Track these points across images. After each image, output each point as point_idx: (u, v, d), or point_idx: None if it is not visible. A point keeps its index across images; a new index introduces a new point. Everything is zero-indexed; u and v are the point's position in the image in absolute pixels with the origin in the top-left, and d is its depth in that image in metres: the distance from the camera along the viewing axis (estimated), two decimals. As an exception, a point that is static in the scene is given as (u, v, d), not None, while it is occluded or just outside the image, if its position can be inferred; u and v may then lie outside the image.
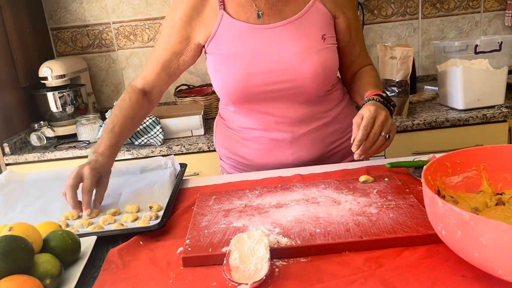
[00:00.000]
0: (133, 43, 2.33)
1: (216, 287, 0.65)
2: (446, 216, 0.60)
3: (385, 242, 0.71)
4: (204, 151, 1.82)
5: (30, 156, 1.86)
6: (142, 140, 1.82)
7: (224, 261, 0.68)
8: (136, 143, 1.83)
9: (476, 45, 1.70)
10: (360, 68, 1.19)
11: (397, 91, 1.81)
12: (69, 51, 2.35)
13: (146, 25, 2.31)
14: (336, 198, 0.87)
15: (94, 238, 0.80)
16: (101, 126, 1.85)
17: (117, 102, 1.13)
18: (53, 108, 2.02)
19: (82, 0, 2.27)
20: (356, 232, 0.73)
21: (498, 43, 1.70)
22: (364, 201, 0.84)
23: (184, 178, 1.11)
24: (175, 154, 1.79)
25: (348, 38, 1.13)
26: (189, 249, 0.73)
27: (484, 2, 2.31)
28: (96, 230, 0.86)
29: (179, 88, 2.26)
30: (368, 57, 1.21)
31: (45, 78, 2.01)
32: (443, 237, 0.63)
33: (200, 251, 0.72)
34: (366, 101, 1.00)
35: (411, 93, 1.98)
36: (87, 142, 1.93)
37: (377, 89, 1.05)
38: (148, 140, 1.82)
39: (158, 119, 1.86)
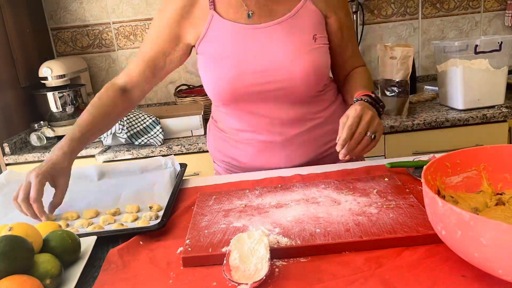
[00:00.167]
0: (133, 43, 2.33)
1: (216, 287, 0.65)
2: (446, 216, 0.60)
3: (385, 242, 0.71)
4: (204, 151, 1.82)
5: (30, 156, 1.86)
6: (142, 140, 1.82)
7: (224, 261, 0.68)
8: (136, 143, 1.83)
9: (476, 45, 1.70)
10: (353, 69, 1.18)
11: (397, 91, 1.81)
12: (69, 51, 2.35)
13: (146, 25, 2.31)
14: (336, 198, 0.87)
15: (94, 238, 0.80)
16: (101, 126, 1.85)
17: (93, 98, 1.11)
18: (53, 108, 2.02)
19: (82, 0, 2.27)
20: (356, 232, 0.73)
21: (498, 43, 1.70)
22: (364, 201, 0.84)
23: (184, 178, 1.11)
24: (175, 154, 1.79)
25: (340, 38, 1.12)
26: (189, 249, 0.73)
27: (484, 2, 2.31)
28: (96, 230, 0.86)
29: (179, 88, 2.26)
30: (361, 58, 1.21)
31: (45, 78, 2.01)
32: (443, 237, 0.63)
33: (200, 251, 0.72)
34: (355, 101, 1.00)
35: (411, 93, 1.98)
36: (87, 142, 1.93)
37: (367, 90, 1.04)
38: (148, 140, 1.82)
39: (158, 119, 1.86)
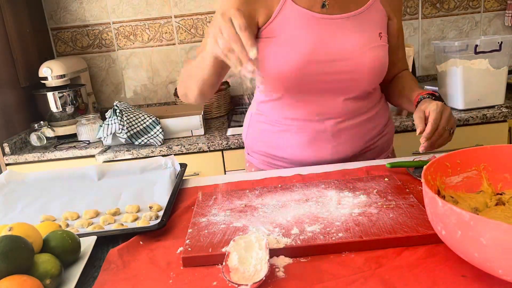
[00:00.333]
0: (133, 43, 2.33)
1: (216, 287, 0.65)
2: (446, 216, 0.60)
3: (385, 242, 0.71)
4: (204, 151, 1.82)
5: (30, 156, 1.86)
6: (142, 140, 1.82)
7: (223, 262, 0.68)
8: (136, 143, 1.83)
9: (476, 45, 1.70)
10: (399, 72, 1.22)
11: (397, 91, 1.81)
12: (69, 51, 2.35)
13: (146, 25, 2.31)
14: (336, 198, 0.87)
15: (94, 238, 0.80)
16: (101, 126, 1.85)
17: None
18: (53, 108, 2.02)
19: (82, 0, 2.27)
20: (356, 232, 0.73)
21: (498, 43, 1.70)
22: (364, 201, 0.84)
23: (184, 178, 1.11)
24: (175, 154, 1.79)
25: (395, 40, 1.16)
26: (189, 249, 0.73)
27: (484, 2, 2.31)
28: (96, 230, 0.86)
29: (179, 88, 2.26)
30: (406, 62, 1.24)
31: (45, 78, 2.01)
32: (443, 237, 0.63)
33: (200, 251, 0.72)
34: (421, 98, 1.04)
35: (411, 93, 1.98)
36: (87, 142, 1.93)
37: (422, 90, 1.08)
38: (148, 140, 1.82)
39: (158, 119, 1.86)
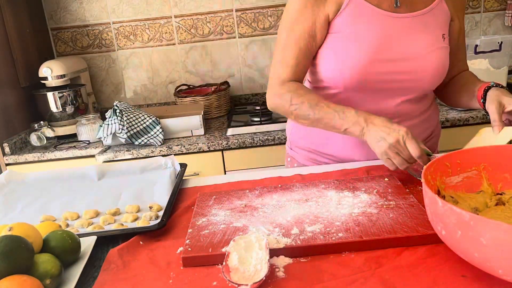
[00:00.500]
0: (133, 43, 2.33)
1: (216, 287, 0.65)
2: (446, 216, 0.60)
3: (385, 242, 0.71)
4: (204, 151, 1.82)
5: (30, 156, 1.86)
6: (142, 140, 1.82)
7: (223, 262, 0.68)
8: (136, 143, 1.83)
9: (476, 45, 1.70)
10: (459, 73, 1.20)
11: (397, 91, 1.81)
12: (69, 51, 2.35)
13: (146, 25, 2.31)
14: (336, 198, 0.87)
15: (94, 238, 0.80)
16: (101, 126, 1.85)
17: (295, 96, 1.04)
18: (53, 108, 2.02)
19: (82, 0, 2.27)
20: (356, 232, 0.73)
21: (498, 43, 1.70)
22: (364, 201, 0.84)
23: (184, 178, 1.11)
24: (175, 154, 1.79)
25: (456, 42, 1.14)
26: (189, 249, 0.73)
27: (484, 2, 2.31)
28: (96, 230, 0.86)
29: (179, 88, 2.26)
30: (466, 63, 1.22)
31: (45, 78, 2.01)
32: (443, 237, 0.63)
33: (200, 251, 0.72)
34: (487, 88, 1.02)
35: (411, 93, 1.98)
36: (87, 142, 1.93)
37: (487, 82, 1.06)
38: (148, 140, 1.82)
39: (158, 119, 1.86)
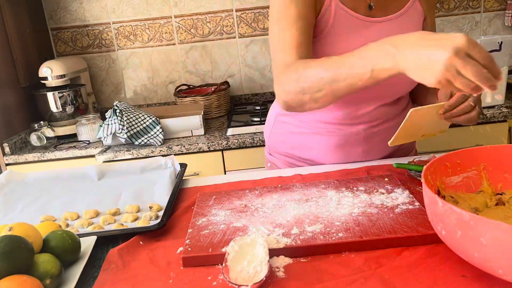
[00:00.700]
0: (133, 43, 2.33)
1: (216, 287, 0.65)
2: (446, 216, 0.60)
3: (385, 242, 0.71)
4: (204, 151, 1.82)
5: (30, 156, 1.86)
6: (142, 140, 1.82)
7: (223, 263, 0.68)
8: (136, 143, 1.83)
9: (476, 45, 1.70)
10: None
11: (397, 91, 1.81)
12: (69, 51, 2.35)
13: (146, 25, 2.31)
14: (336, 198, 0.87)
15: (94, 238, 0.80)
16: (101, 126, 1.85)
17: (302, 66, 0.88)
18: (53, 108, 2.02)
19: (82, 0, 2.27)
20: (356, 232, 0.73)
21: (498, 43, 1.70)
22: (364, 201, 0.84)
23: (184, 178, 1.11)
24: (175, 154, 1.79)
25: None
26: (189, 249, 0.73)
27: (484, 2, 2.31)
28: (96, 230, 0.86)
29: (179, 88, 2.26)
30: None
31: (45, 78, 2.01)
32: (443, 237, 0.63)
33: (200, 251, 0.72)
34: None
35: (411, 93, 1.98)
36: (87, 142, 1.93)
37: None
38: (148, 140, 1.82)
39: (158, 119, 1.86)
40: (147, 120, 1.84)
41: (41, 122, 1.95)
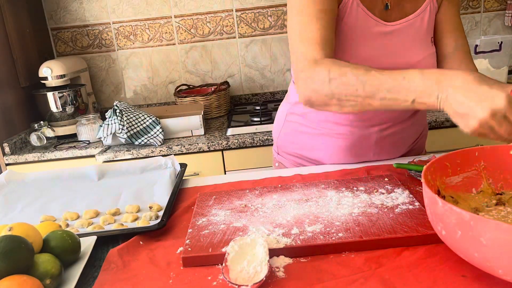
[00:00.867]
0: (133, 43, 2.33)
1: (216, 287, 0.65)
2: (446, 216, 0.60)
3: (385, 242, 0.71)
4: (204, 151, 1.82)
5: (30, 156, 1.86)
6: (142, 140, 1.82)
7: (223, 263, 0.68)
8: (136, 143, 1.83)
9: (476, 45, 1.70)
10: None
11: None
12: (69, 51, 2.35)
13: (146, 25, 2.30)
14: (336, 198, 0.87)
15: (94, 238, 0.80)
16: (101, 126, 1.85)
17: (339, 72, 0.81)
18: (53, 108, 2.02)
19: (82, 0, 2.27)
20: (356, 232, 0.73)
21: (498, 43, 1.70)
22: (364, 201, 0.84)
23: (184, 178, 1.11)
24: (175, 154, 1.79)
25: (451, 40, 1.05)
26: (189, 249, 0.73)
27: (484, 2, 2.31)
28: (96, 230, 0.86)
29: (179, 88, 2.26)
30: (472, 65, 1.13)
31: (45, 78, 2.01)
32: (443, 237, 0.63)
33: (200, 251, 0.72)
34: None
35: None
36: (87, 142, 1.93)
37: None
38: (148, 140, 1.82)
39: (158, 119, 1.86)
40: (147, 120, 1.84)
41: (41, 122, 1.95)
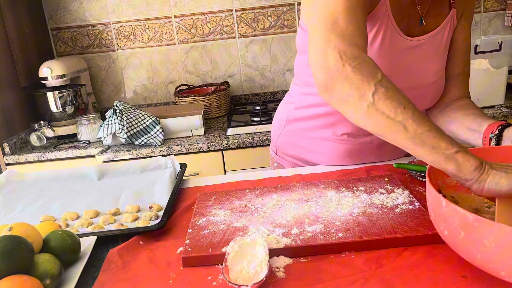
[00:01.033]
0: (133, 43, 2.33)
1: (216, 287, 0.65)
2: (449, 217, 0.59)
3: (385, 242, 0.71)
4: (204, 151, 1.82)
5: (30, 156, 1.86)
6: (142, 140, 1.82)
7: (223, 263, 0.68)
8: (136, 143, 1.83)
9: (476, 45, 1.70)
10: (455, 99, 1.10)
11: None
12: (69, 51, 2.35)
13: (146, 25, 2.30)
14: (336, 198, 0.87)
15: (94, 238, 0.80)
16: (101, 126, 1.85)
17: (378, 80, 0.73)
18: (53, 108, 2.02)
19: (82, 0, 2.27)
20: (356, 232, 0.73)
21: (498, 43, 1.70)
22: (364, 201, 0.84)
23: (184, 178, 1.11)
24: (175, 154, 1.79)
25: (459, 59, 1.05)
26: (189, 249, 0.73)
27: (484, 2, 2.31)
28: (96, 230, 0.86)
29: (179, 88, 2.26)
30: (468, 90, 1.13)
31: (45, 78, 2.01)
32: (445, 237, 0.63)
33: (200, 251, 0.72)
34: (502, 126, 0.87)
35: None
36: (87, 142, 1.93)
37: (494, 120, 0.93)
38: (148, 140, 1.82)
39: (158, 119, 1.86)
40: (147, 120, 1.84)
41: (41, 122, 1.96)
